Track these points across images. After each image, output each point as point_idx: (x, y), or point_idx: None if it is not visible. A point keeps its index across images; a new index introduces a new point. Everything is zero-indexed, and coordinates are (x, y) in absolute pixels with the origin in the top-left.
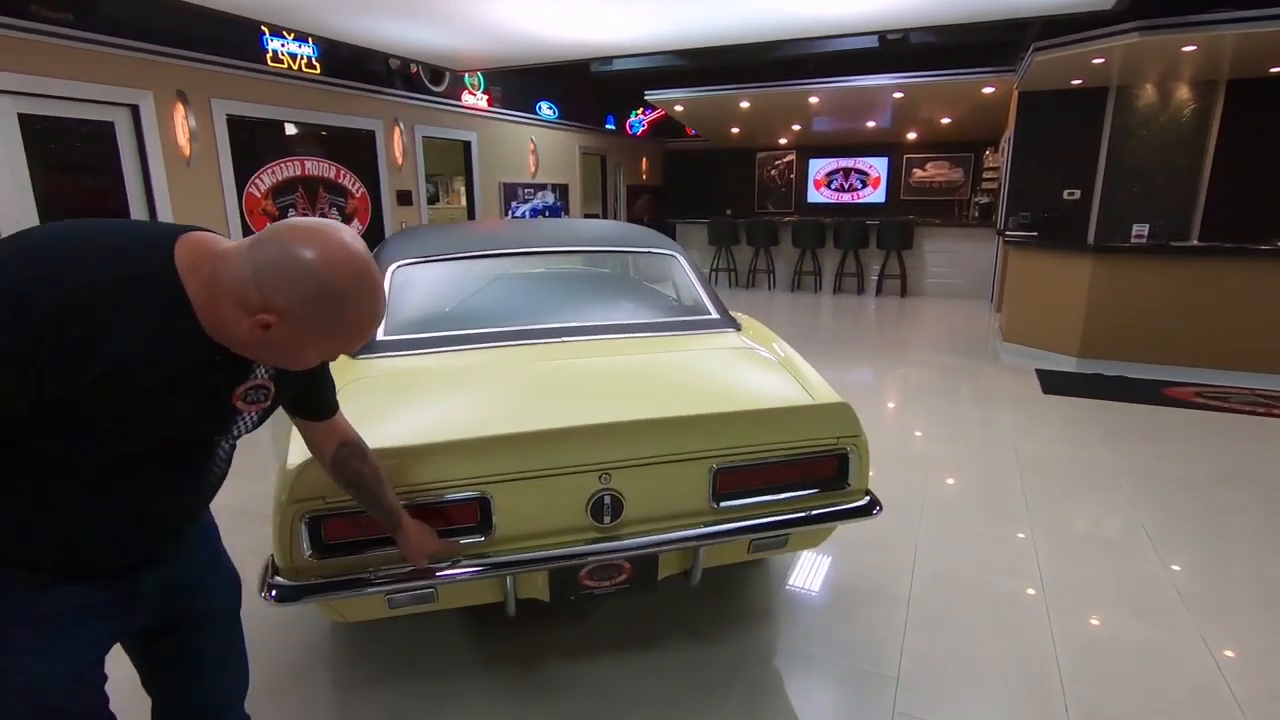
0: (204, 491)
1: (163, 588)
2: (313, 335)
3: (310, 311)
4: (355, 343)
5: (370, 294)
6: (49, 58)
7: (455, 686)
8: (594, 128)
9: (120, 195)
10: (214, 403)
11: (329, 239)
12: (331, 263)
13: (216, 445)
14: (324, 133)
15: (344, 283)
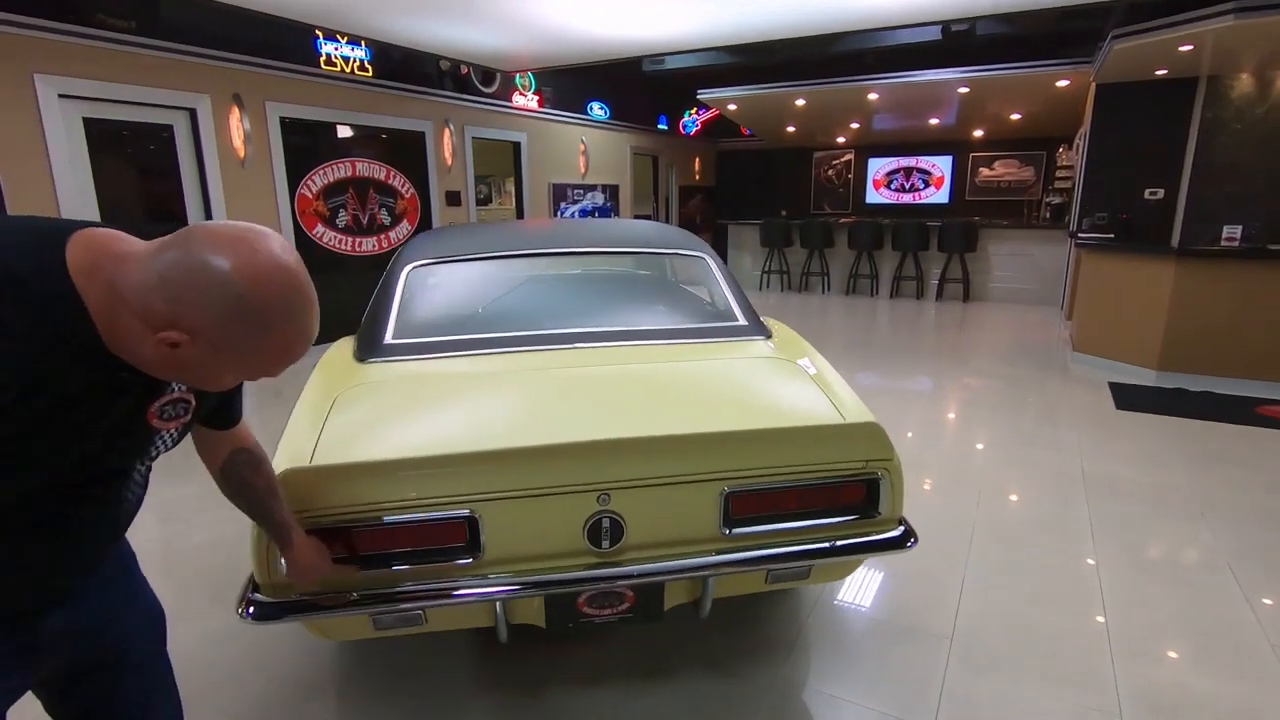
0: (120, 522)
1: (72, 631)
2: (230, 359)
3: (227, 333)
4: (282, 367)
5: (301, 315)
6: (112, 64)
7: (456, 708)
8: (646, 128)
9: (178, 196)
10: (128, 425)
11: (253, 247)
12: (256, 277)
13: (132, 471)
14: (374, 134)
15: (269, 302)
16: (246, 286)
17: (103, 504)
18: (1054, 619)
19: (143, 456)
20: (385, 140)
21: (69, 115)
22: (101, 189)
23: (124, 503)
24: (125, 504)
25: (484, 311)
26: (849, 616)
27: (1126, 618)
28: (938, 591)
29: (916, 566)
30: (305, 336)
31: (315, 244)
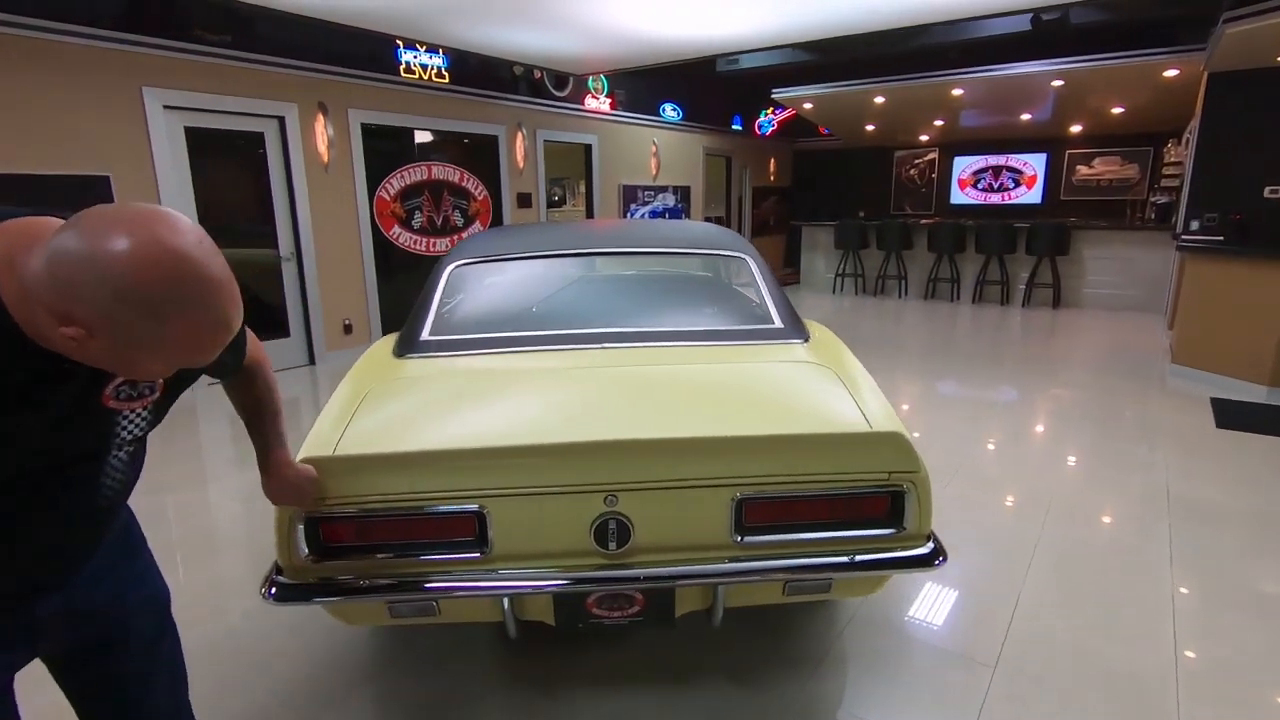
0: (102, 508)
1: (72, 613)
2: (137, 352)
3: (120, 327)
4: (204, 356)
5: (198, 303)
6: (211, 77)
7: (473, 700)
8: (719, 129)
9: (267, 198)
10: (82, 411)
11: (136, 233)
12: (139, 265)
13: (105, 456)
14: (450, 138)
15: (155, 291)
16: (130, 276)
17: (77, 490)
18: (1115, 652)
19: (109, 440)
20: (460, 144)
21: (172, 124)
22: (199, 191)
23: (102, 489)
24: (105, 490)
25: (519, 311)
26: (887, 633)
27: (1201, 657)
28: (987, 614)
29: (966, 584)
30: (213, 324)
31: (392, 244)
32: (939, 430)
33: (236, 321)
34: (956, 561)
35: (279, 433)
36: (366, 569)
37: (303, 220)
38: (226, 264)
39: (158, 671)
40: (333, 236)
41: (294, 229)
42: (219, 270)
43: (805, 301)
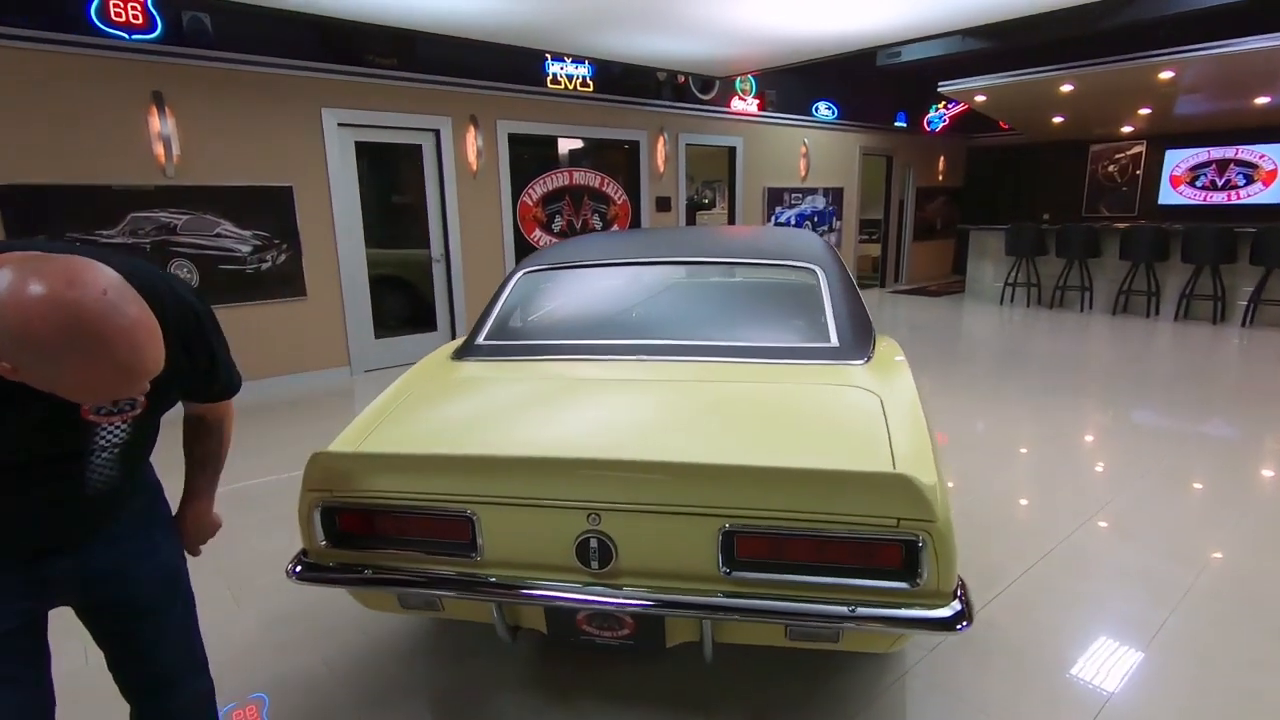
0: (90, 495)
1: (82, 575)
2: (58, 387)
3: (29, 365)
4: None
5: (89, 353)
6: (378, 95)
7: (488, 697)
8: (879, 126)
9: (422, 204)
10: (60, 419)
11: (35, 286)
12: (28, 316)
13: (87, 457)
14: (591, 145)
15: (45, 340)
16: (20, 326)
17: (64, 480)
18: None
19: (88, 444)
20: (601, 150)
21: (344, 139)
22: (364, 197)
23: (89, 481)
24: (94, 481)
25: (573, 319)
26: (944, 699)
27: None
28: (1090, 679)
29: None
30: (114, 369)
31: (533, 247)
32: (1131, 469)
33: (144, 366)
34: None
35: (212, 486)
36: (374, 559)
37: (452, 225)
38: (140, 312)
39: (168, 632)
40: (478, 240)
41: (444, 233)
42: (120, 321)
43: (967, 313)
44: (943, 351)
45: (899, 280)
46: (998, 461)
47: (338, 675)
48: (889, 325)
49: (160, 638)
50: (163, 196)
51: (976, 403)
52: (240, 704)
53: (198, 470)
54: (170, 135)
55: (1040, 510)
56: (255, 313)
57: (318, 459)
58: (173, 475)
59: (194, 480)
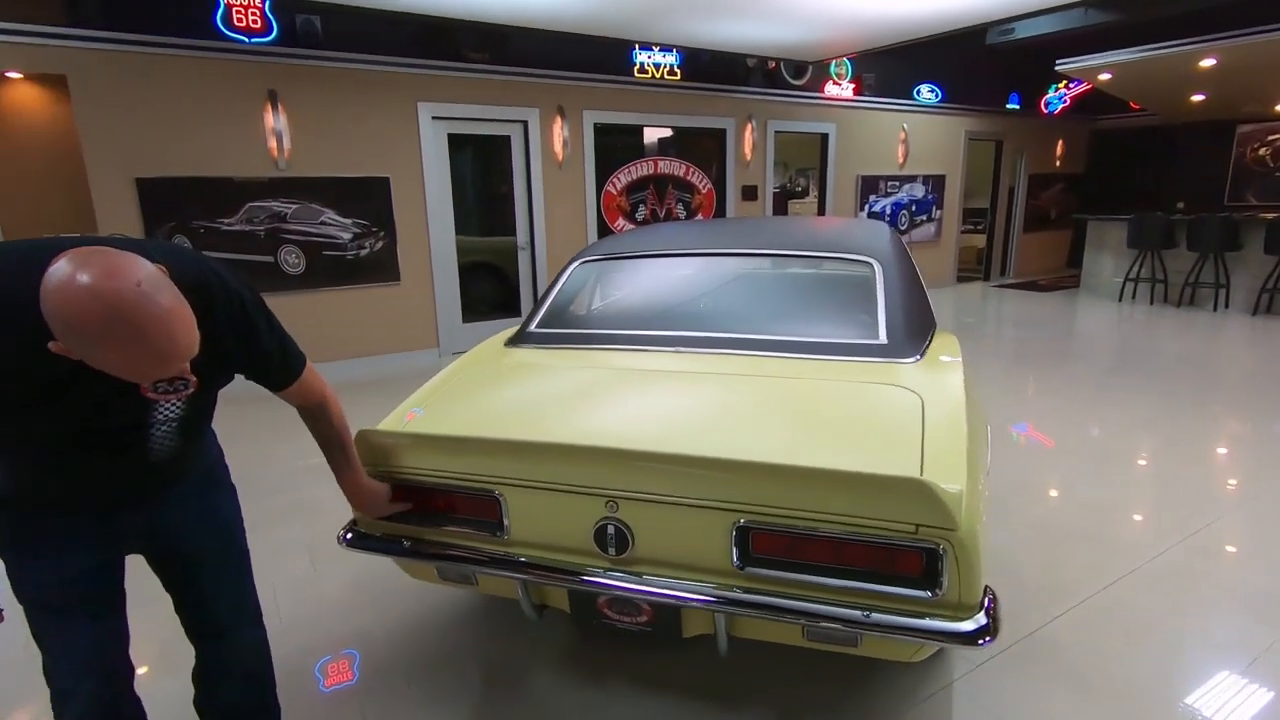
0: (154, 461)
1: (148, 528)
2: (107, 368)
3: (75, 347)
4: (155, 372)
5: (125, 339)
6: (470, 89)
7: (528, 670)
8: (989, 109)
9: (509, 194)
10: (122, 396)
11: (78, 278)
12: (71, 306)
13: (147, 429)
14: (677, 133)
15: (87, 325)
16: (65, 314)
17: (128, 449)
18: None
19: (147, 418)
20: (686, 138)
21: (438, 131)
22: (455, 187)
23: (152, 450)
24: (156, 450)
25: (623, 309)
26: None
27: None
28: None
29: (1131, 678)
30: (150, 354)
31: None
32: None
33: (176, 351)
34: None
35: (349, 459)
36: (413, 532)
37: (537, 213)
38: (173, 302)
39: (223, 585)
40: (562, 228)
41: (529, 221)
42: (152, 310)
43: (1082, 310)
44: (1050, 350)
45: (1006, 274)
46: (1096, 469)
47: (412, 638)
48: (990, 321)
49: (216, 590)
50: (275, 187)
51: (1083, 405)
52: (334, 657)
53: (328, 451)
54: (282, 130)
55: (1134, 524)
56: (353, 296)
57: (363, 436)
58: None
59: (332, 461)
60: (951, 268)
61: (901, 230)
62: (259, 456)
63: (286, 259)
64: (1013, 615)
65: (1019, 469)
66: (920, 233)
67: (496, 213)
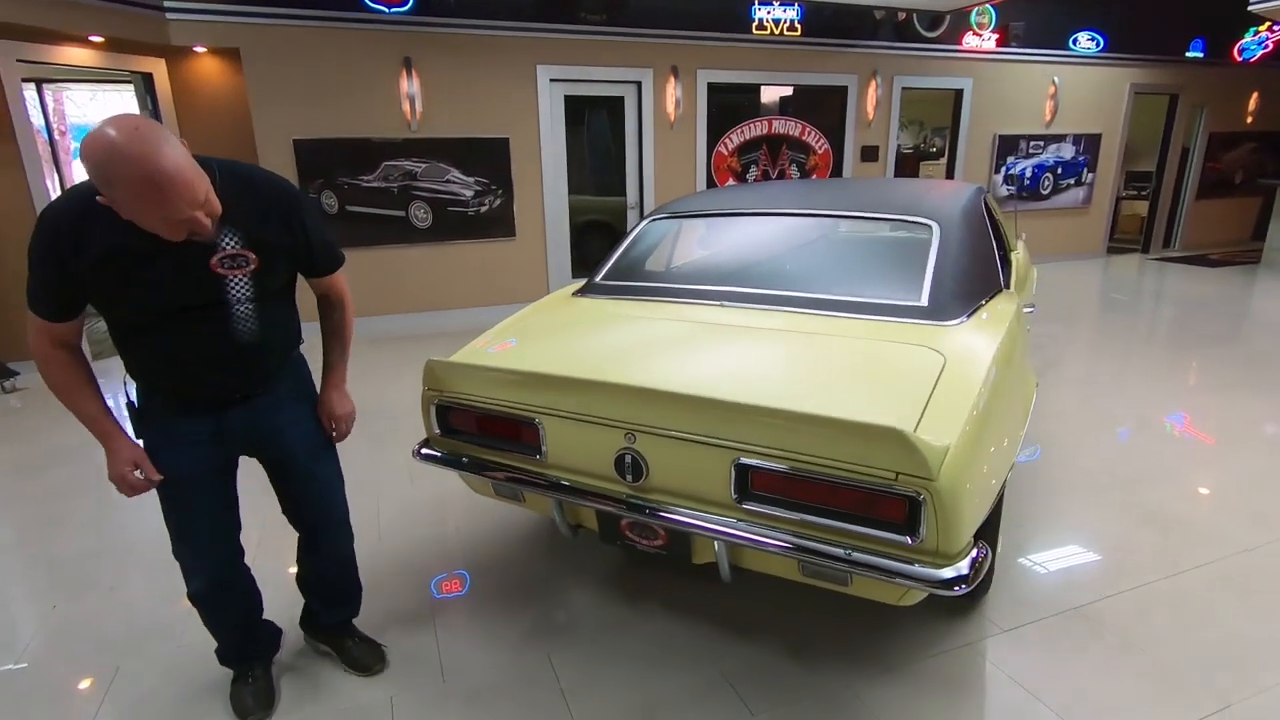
0: (243, 342)
1: (248, 428)
2: (125, 209)
3: (103, 187)
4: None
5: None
6: (587, 50)
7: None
8: (1164, 58)
9: (621, 154)
10: (193, 272)
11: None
12: (92, 149)
13: (229, 306)
14: (795, 91)
15: (100, 164)
16: (87, 157)
17: (216, 326)
18: None
19: (223, 294)
20: (804, 96)
21: (555, 94)
22: (570, 147)
23: (237, 328)
24: (241, 329)
25: (682, 265)
26: (998, 680)
27: None
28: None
29: (1166, 664)
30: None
31: None
32: None
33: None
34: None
35: (343, 358)
36: (471, 451)
37: (647, 173)
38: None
39: (315, 485)
40: (671, 189)
41: (640, 181)
42: (142, 147)
43: (1260, 289)
44: (1211, 335)
45: (1171, 245)
46: (1210, 459)
47: (481, 548)
48: (1145, 299)
49: (306, 491)
50: (408, 147)
51: (1229, 392)
52: (448, 576)
53: (330, 340)
54: (415, 94)
55: (1227, 517)
56: (473, 249)
57: (430, 365)
58: None
59: (329, 353)
60: (1101, 237)
61: (1043, 195)
62: (374, 392)
63: (416, 214)
64: (1061, 588)
65: (1155, 457)
66: (1066, 198)
67: (608, 173)
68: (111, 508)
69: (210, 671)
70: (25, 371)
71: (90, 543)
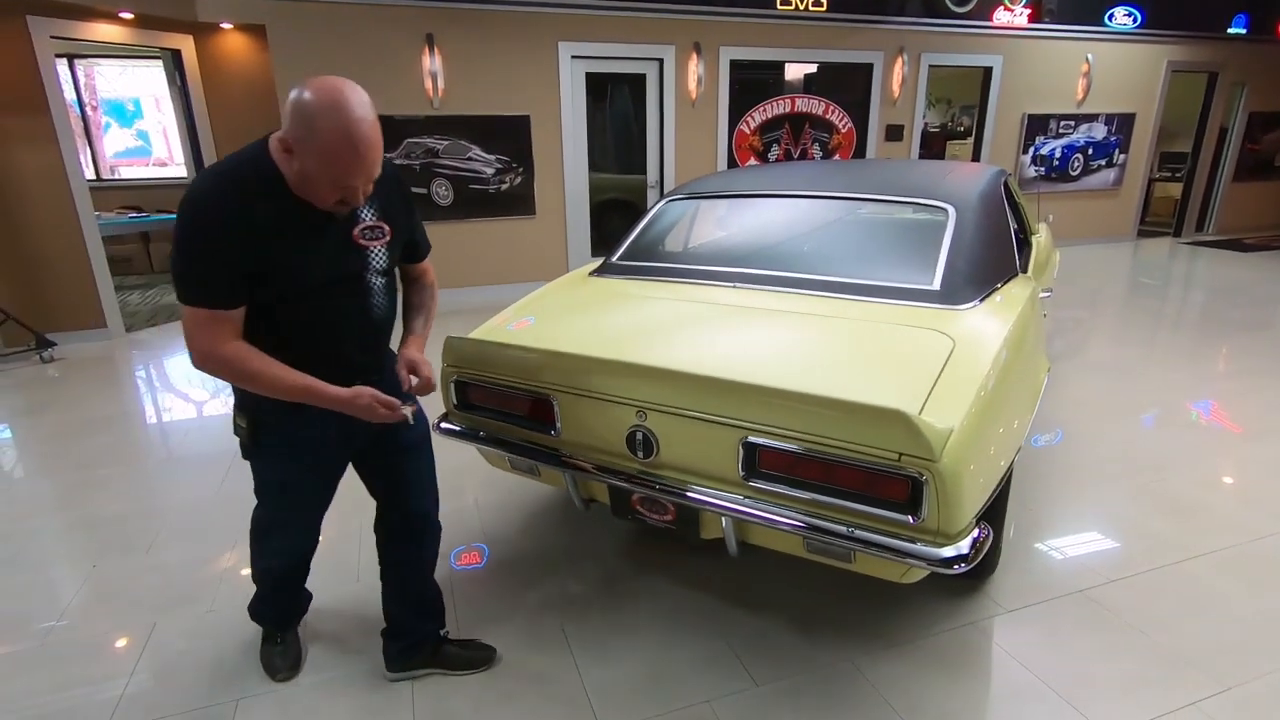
0: (375, 317)
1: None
2: (307, 160)
3: (297, 140)
4: (337, 172)
5: (338, 124)
6: (609, 27)
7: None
8: (1203, 35)
9: (641, 132)
10: (344, 244)
11: (322, 81)
12: (312, 92)
13: (369, 279)
14: (819, 69)
15: (317, 113)
16: (309, 102)
17: (356, 298)
18: None
19: (366, 265)
20: (828, 75)
21: (576, 71)
22: (590, 124)
23: (372, 301)
24: (375, 303)
25: (696, 246)
26: (998, 658)
27: None
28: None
29: (1167, 648)
30: (346, 143)
31: None
32: None
33: (373, 155)
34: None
35: (426, 329)
36: (488, 426)
37: (668, 152)
38: (372, 111)
39: (422, 472)
40: (691, 167)
41: (660, 159)
42: (358, 107)
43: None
44: (1243, 321)
45: (1205, 228)
46: (1235, 447)
47: (499, 520)
48: (1175, 283)
49: (418, 474)
50: (430, 125)
51: (1260, 379)
52: (466, 548)
53: (415, 314)
54: (437, 71)
55: (1246, 505)
56: (493, 227)
57: (449, 342)
58: None
59: (414, 320)
60: (1132, 220)
61: (1073, 176)
62: None
63: (438, 191)
64: (1069, 572)
65: (1179, 444)
66: (1096, 179)
67: (629, 151)
68: (145, 475)
69: (241, 632)
70: (63, 342)
71: (126, 507)
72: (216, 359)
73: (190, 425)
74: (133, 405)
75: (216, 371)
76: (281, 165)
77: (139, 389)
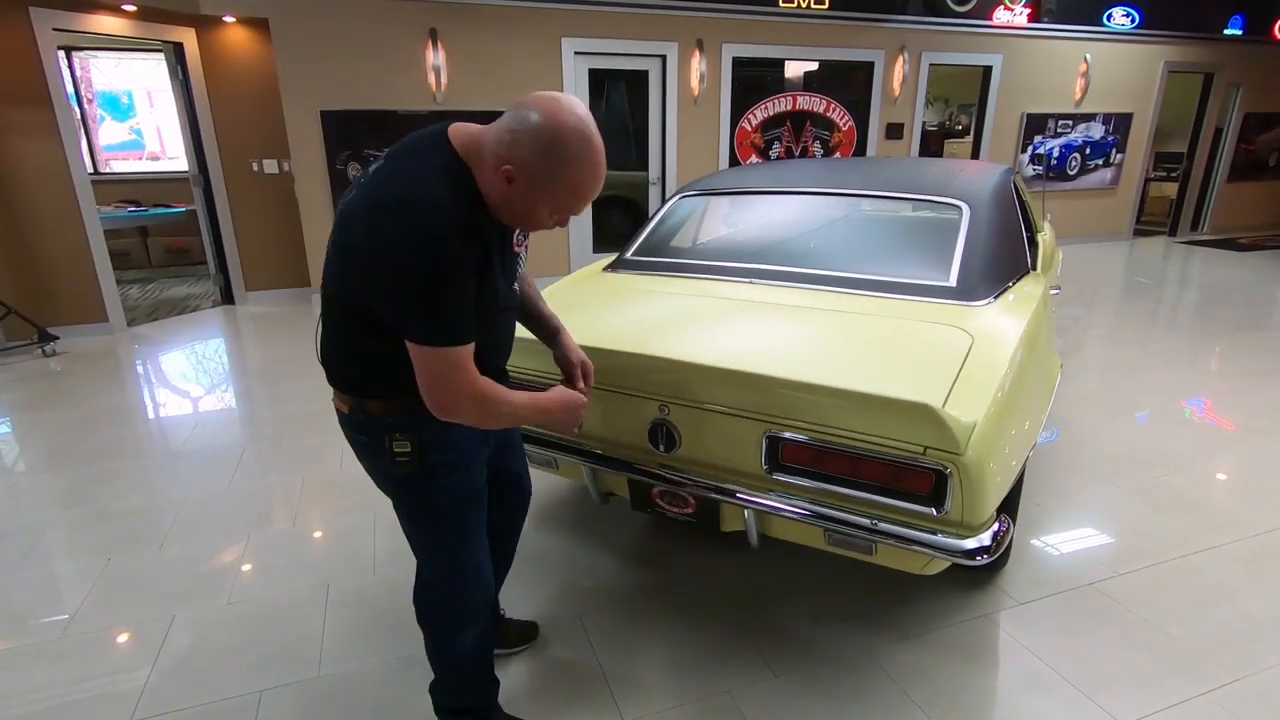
0: (513, 325)
1: (502, 441)
2: (541, 190)
3: (539, 165)
4: (578, 201)
5: (590, 157)
6: (612, 24)
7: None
8: (1200, 35)
9: (644, 129)
10: (509, 253)
11: (561, 107)
12: (562, 126)
13: (514, 283)
14: (820, 67)
15: (569, 143)
16: (555, 132)
17: (515, 308)
18: None
19: (515, 272)
20: (829, 72)
21: (579, 67)
22: (600, 124)
23: (514, 310)
24: (516, 308)
25: (711, 241)
26: (1007, 649)
27: None
28: (1154, 694)
29: (1174, 643)
30: (594, 175)
31: None
32: None
33: (601, 180)
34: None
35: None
36: None
37: (670, 148)
38: (594, 124)
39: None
40: (693, 164)
41: (662, 156)
42: (600, 143)
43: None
44: (1237, 320)
45: (1199, 228)
46: (1230, 445)
47: None
48: (1169, 283)
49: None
50: (432, 120)
51: (1253, 379)
52: None
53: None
54: (440, 66)
55: (1245, 501)
56: None
57: None
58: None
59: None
60: (1128, 219)
61: (1070, 176)
62: None
63: None
64: (1076, 566)
65: (1175, 441)
66: (1093, 179)
67: (631, 147)
68: (154, 469)
69: (262, 623)
70: (65, 336)
71: (137, 501)
72: (475, 398)
73: (195, 419)
74: (137, 399)
75: (471, 414)
76: (484, 185)
77: (142, 383)
